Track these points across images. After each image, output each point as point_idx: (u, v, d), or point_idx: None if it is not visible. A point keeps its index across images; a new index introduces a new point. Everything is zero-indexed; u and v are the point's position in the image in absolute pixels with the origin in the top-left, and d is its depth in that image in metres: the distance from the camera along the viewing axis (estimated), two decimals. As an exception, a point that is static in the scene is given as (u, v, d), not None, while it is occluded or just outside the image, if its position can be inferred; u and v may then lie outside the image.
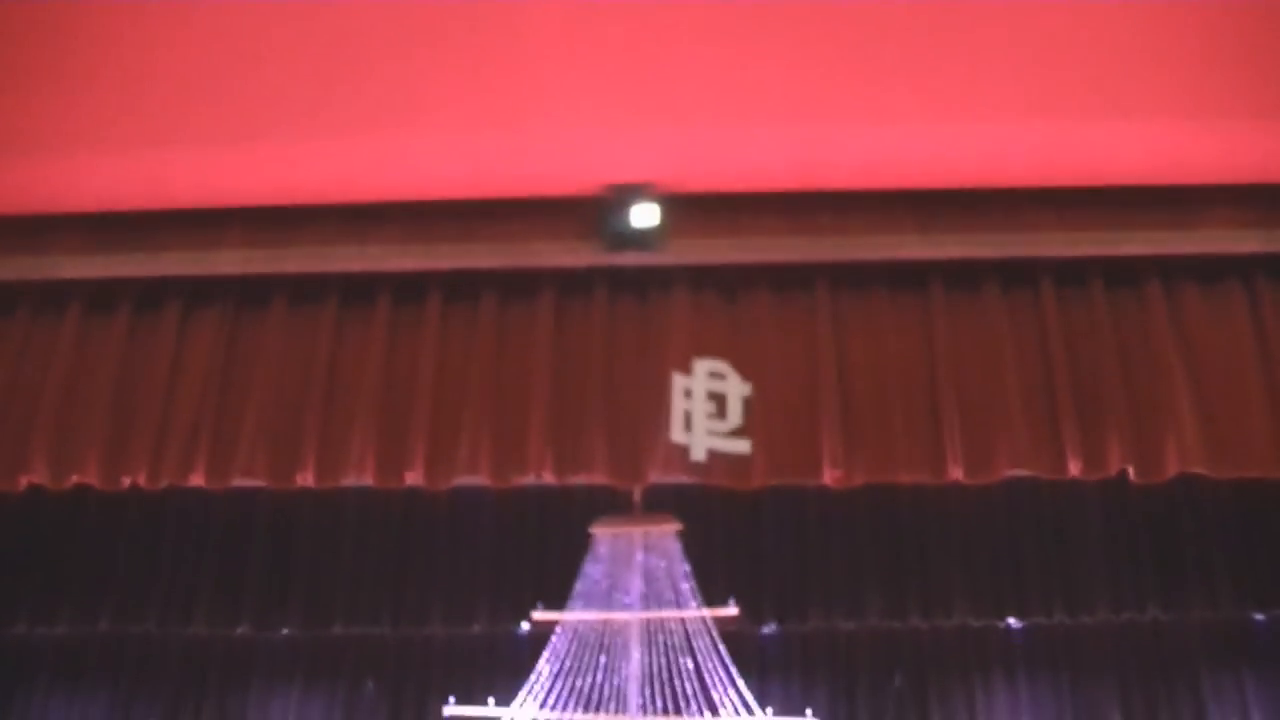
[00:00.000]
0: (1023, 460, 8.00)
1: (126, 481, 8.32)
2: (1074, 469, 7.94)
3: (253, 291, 8.71)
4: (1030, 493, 11.13)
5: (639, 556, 10.48)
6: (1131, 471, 7.95)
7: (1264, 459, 7.90)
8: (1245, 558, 11.14)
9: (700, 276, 8.48)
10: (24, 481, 8.32)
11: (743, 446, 7.98)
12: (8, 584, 11.58)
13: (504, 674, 12.15)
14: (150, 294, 8.73)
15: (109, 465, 8.28)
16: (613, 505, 10.71)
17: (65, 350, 8.57)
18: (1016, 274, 8.44)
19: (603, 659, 10.27)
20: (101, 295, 8.74)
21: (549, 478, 8.18)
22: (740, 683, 10.30)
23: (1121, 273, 8.38)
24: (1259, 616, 11.91)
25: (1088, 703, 12.48)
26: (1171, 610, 11.43)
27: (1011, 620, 11.82)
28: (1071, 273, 8.39)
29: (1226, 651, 12.38)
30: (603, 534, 10.61)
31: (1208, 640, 12.35)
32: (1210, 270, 8.36)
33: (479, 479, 8.20)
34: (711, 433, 7.96)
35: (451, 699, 11.12)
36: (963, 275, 8.44)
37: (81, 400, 8.42)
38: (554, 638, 10.45)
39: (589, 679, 10.22)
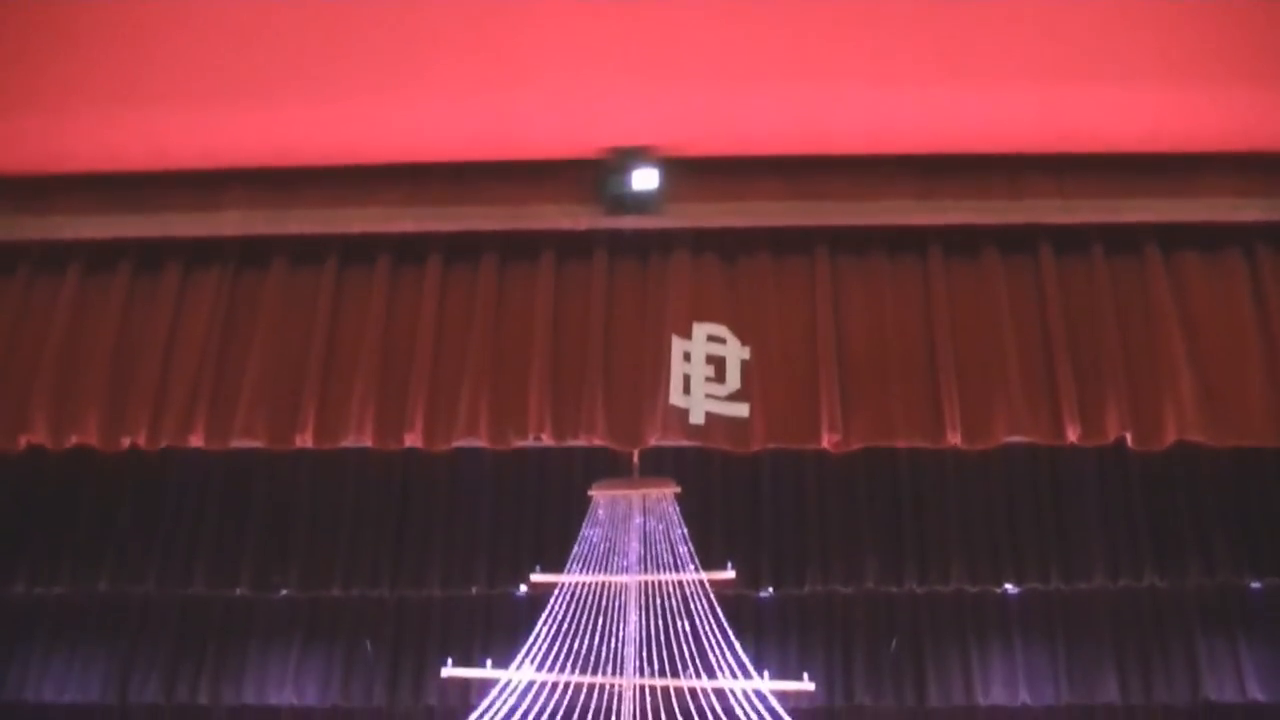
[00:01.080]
0: (1021, 426, 8.01)
1: (126, 442, 8.34)
2: (1072, 435, 7.95)
3: (253, 253, 8.72)
4: (1028, 459, 11.16)
5: (637, 519, 10.48)
6: (1129, 438, 7.97)
7: (1262, 428, 7.92)
8: (1242, 526, 11.17)
9: (700, 240, 8.48)
10: (24, 441, 8.34)
11: (741, 410, 8.00)
12: (7, 544, 11.60)
13: (501, 636, 12.21)
14: (150, 255, 8.74)
15: (109, 426, 8.30)
16: (611, 468, 10.72)
17: (65, 311, 8.59)
18: (1016, 240, 8.43)
19: (600, 621, 10.27)
20: (102, 256, 8.75)
21: (548, 440, 8.21)
22: (737, 646, 10.31)
23: (1121, 240, 8.37)
24: (1255, 584, 11.94)
25: (1083, 668, 12.52)
26: (1168, 577, 11.46)
27: (1008, 586, 11.83)
28: (1071, 239, 8.39)
29: (1222, 619, 12.41)
30: (601, 496, 10.61)
31: (1204, 607, 12.38)
32: (1210, 238, 8.36)
33: (478, 441, 8.23)
34: (710, 396, 7.98)
35: (449, 660, 11.12)
36: (962, 241, 8.45)
37: (81, 361, 8.43)
38: (552, 600, 10.45)
39: (586, 641, 10.23)
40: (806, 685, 10.88)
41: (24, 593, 11.98)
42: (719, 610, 10.29)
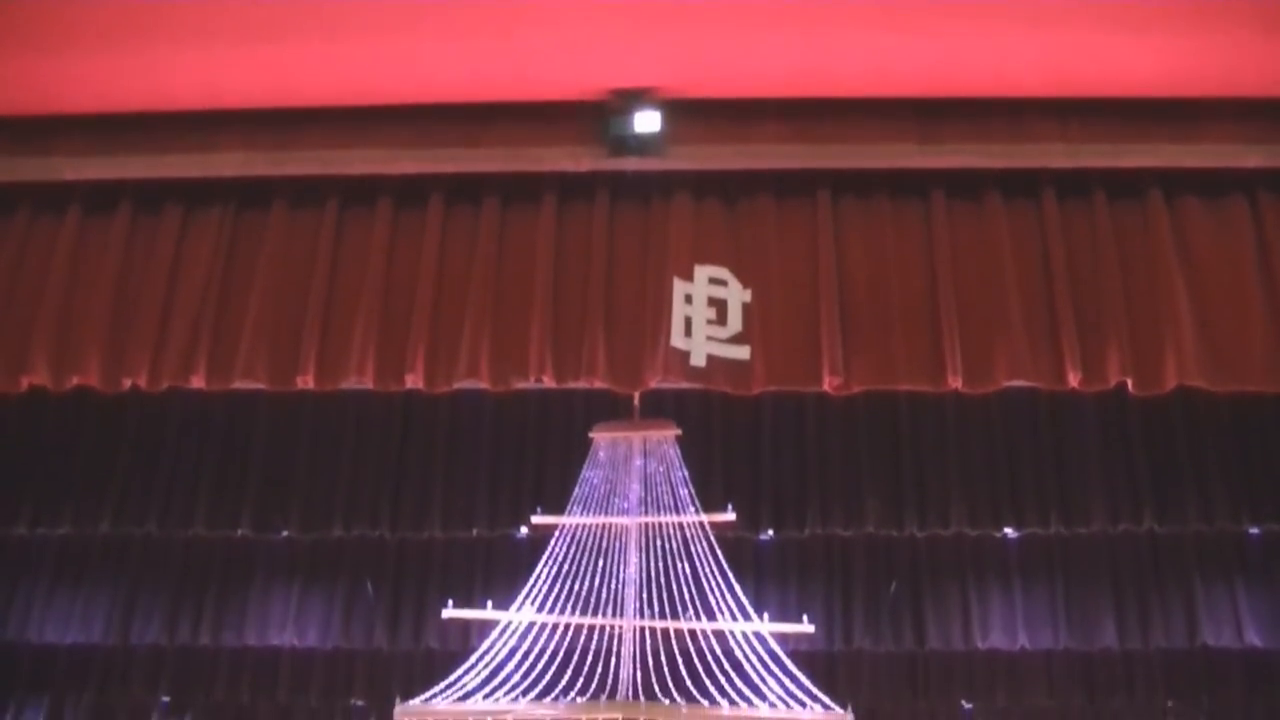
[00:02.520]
0: (1022, 370, 8.02)
1: (127, 383, 8.35)
2: (1073, 380, 7.96)
3: (253, 194, 8.72)
4: (1029, 404, 11.16)
5: (638, 461, 10.50)
6: (1130, 383, 7.99)
7: (1263, 373, 7.94)
8: (1241, 472, 11.17)
9: (702, 183, 8.48)
10: (25, 382, 8.35)
11: (742, 352, 8.01)
12: (9, 486, 11.62)
13: (502, 577, 12.23)
14: (151, 196, 8.74)
15: (110, 367, 8.32)
16: (612, 411, 10.73)
17: (65, 252, 8.60)
18: (1019, 184, 8.44)
19: (600, 563, 10.30)
20: (102, 197, 8.75)
21: (549, 382, 8.23)
22: (737, 588, 10.34)
23: (1124, 185, 8.37)
24: (1254, 530, 11.93)
25: (1082, 612, 12.55)
26: (1167, 522, 11.46)
27: (1008, 530, 11.84)
28: (1074, 184, 8.39)
29: (1221, 564, 12.43)
30: (602, 439, 10.62)
31: (1202, 553, 12.40)
32: (1213, 184, 8.36)
33: (478, 383, 8.24)
34: (711, 338, 7.99)
35: (450, 602, 11.16)
36: (965, 185, 8.45)
37: (82, 302, 8.45)
38: (552, 542, 10.47)
39: (586, 583, 10.26)
40: (806, 627, 10.93)
41: (26, 535, 12.00)
42: (719, 552, 10.31)
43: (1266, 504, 11.16)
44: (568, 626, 10.39)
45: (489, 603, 11.07)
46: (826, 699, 10.19)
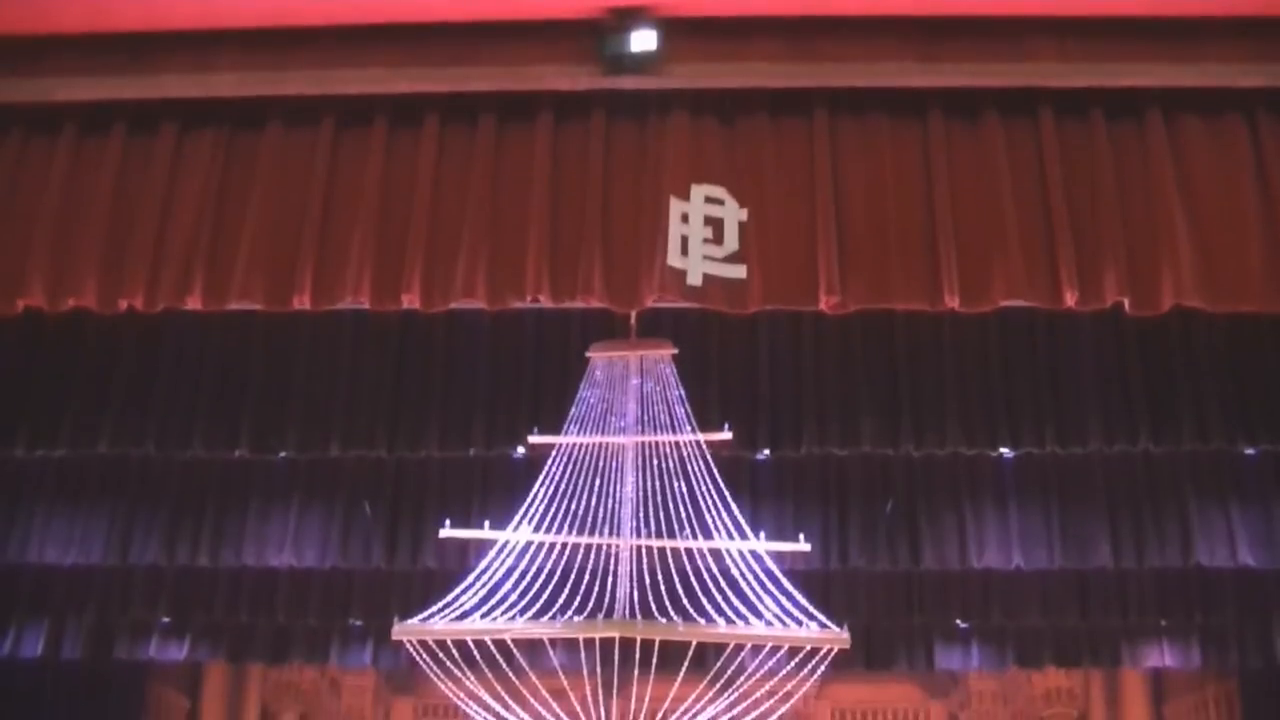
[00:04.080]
0: (1018, 290, 8.03)
1: (124, 305, 8.36)
2: (1070, 299, 7.97)
3: (248, 114, 8.68)
4: (1025, 324, 11.14)
5: (634, 381, 10.52)
6: (1127, 303, 8.01)
7: (1259, 293, 7.95)
8: (1237, 393, 11.14)
9: (699, 101, 8.45)
10: (21, 304, 8.34)
11: (739, 271, 8.01)
12: (7, 408, 11.62)
13: (499, 497, 12.28)
14: (145, 116, 8.70)
15: (106, 288, 8.31)
16: (609, 330, 10.72)
17: (60, 173, 8.57)
18: (1016, 103, 8.41)
19: (597, 482, 10.34)
20: (96, 118, 8.71)
21: (545, 301, 8.25)
22: (733, 507, 10.38)
23: (1122, 104, 8.35)
24: (1249, 451, 11.94)
25: (1077, 532, 12.63)
26: (1163, 443, 11.44)
27: (1004, 449, 11.83)
28: (1072, 103, 8.36)
29: (1215, 485, 12.50)
30: (599, 358, 10.64)
31: (1197, 473, 12.45)
32: (1212, 103, 8.34)
33: (475, 302, 8.26)
34: (708, 257, 7.98)
35: (447, 521, 11.22)
36: (962, 104, 8.43)
37: (77, 224, 8.43)
38: (549, 461, 10.50)
39: (583, 502, 10.30)
40: (802, 546, 10.99)
41: (24, 456, 12.01)
42: (715, 471, 10.34)
43: (1262, 425, 11.15)
44: (565, 546, 10.45)
45: (486, 522, 11.13)
46: (822, 617, 10.27)
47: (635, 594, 10.32)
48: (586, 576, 10.59)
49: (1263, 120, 8.30)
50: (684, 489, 10.28)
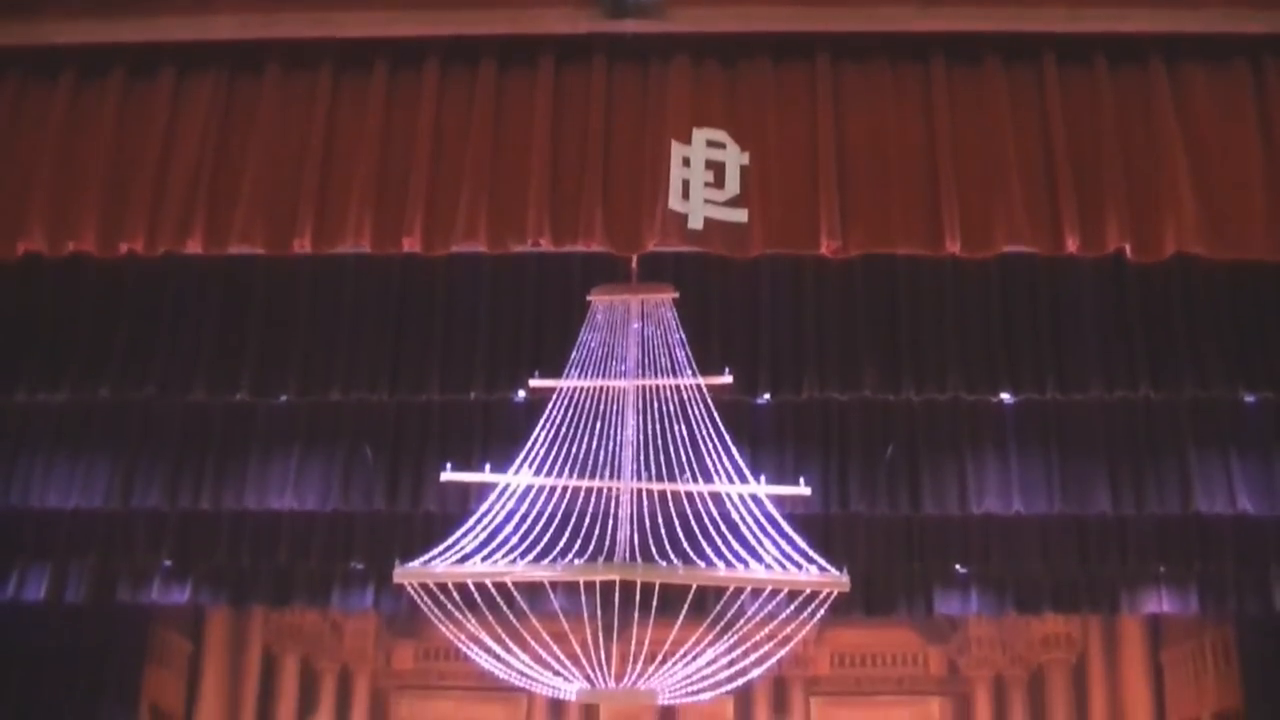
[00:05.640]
0: (1020, 235, 8.02)
1: (124, 248, 8.34)
2: (1071, 245, 7.96)
3: (248, 57, 8.64)
4: (1027, 270, 11.13)
5: (635, 324, 10.50)
6: (1129, 250, 7.99)
7: (1262, 241, 7.94)
8: (1237, 340, 11.15)
9: (701, 45, 8.42)
10: (21, 249, 8.34)
11: (740, 215, 7.99)
12: (8, 352, 11.62)
13: (500, 440, 12.31)
14: (145, 60, 8.67)
15: (106, 232, 8.29)
16: (610, 274, 10.71)
17: (59, 117, 8.54)
18: (1019, 48, 8.37)
19: (598, 426, 10.35)
20: (95, 62, 8.68)
21: (546, 244, 8.22)
22: (734, 451, 10.40)
23: (1125, 50, 8.31)
24: (1249, 398, 11.95)
25: (1076, 478, 12.66)
26: (1163, 389, 11.46)
27: (1004, 395, 11.86)
28: (1075, 48, 8.33)
29: (1215, 432, 12.52)
30: (600, 301, 10.63)
31: (1197, 420, 12.47)
32: (1216, 49, 8.30)
33: (476, 245, 8.24)
34: (709, 201, 7.96)
35: (448, 465, 11.25)
36: (964, 49, 8.39)
37: (77, 167, 8.41)
38: (550, 405, 10.52)
39: (584, 445, 10.32)
40: (802, 490, 11.01)
41: (26, 400, 12.03)
42: (716, 415, 10.36)
43: (1262, 372, 11.17)
44: (565, 489, 10.47)
45: (487, 466, 11.16)
46: (822, 561, 10.30)
47: (635, 537, 10.36)
48: (587, 520, 10.62)
49: (1267, 67, 8.26)
50: (684, 433, 10.30)
